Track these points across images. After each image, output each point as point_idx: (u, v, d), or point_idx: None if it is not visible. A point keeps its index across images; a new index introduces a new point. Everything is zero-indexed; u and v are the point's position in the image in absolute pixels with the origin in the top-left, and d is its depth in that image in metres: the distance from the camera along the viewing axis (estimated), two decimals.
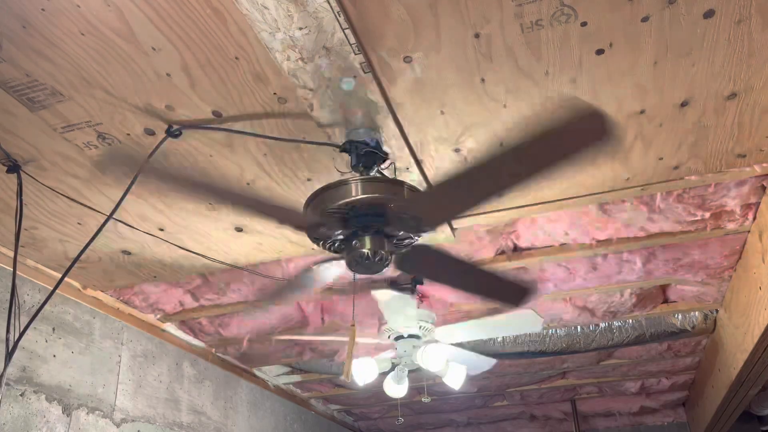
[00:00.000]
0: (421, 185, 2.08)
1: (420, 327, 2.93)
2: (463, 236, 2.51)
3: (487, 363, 3.32)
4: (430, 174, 2.07)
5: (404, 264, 1.92)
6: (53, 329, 2.61)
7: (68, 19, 1.45)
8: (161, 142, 1.83)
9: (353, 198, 1.69)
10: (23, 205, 2.10)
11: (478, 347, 3.58)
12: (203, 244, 2.46)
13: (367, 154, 1.84)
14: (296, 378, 4.42)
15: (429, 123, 1.83)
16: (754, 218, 2.41)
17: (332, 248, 1.87)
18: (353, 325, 2.24)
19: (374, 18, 1.46)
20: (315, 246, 1.90)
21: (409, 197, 1.74)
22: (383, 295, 2.62)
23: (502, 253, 2.66)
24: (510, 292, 2.20)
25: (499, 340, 3.60)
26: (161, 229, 2.34)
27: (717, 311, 3.38)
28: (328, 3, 1.39)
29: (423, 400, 3.52)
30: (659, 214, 2.37)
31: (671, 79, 1.70)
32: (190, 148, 1.90)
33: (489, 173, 1.59)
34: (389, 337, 3.04)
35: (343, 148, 1.85)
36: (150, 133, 1.83)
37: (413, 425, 6.06)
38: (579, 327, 3.55)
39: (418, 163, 2.01)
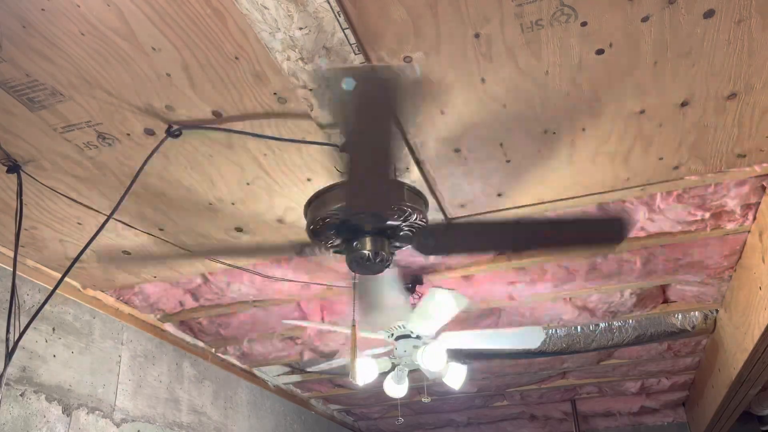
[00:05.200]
0: (421, 185, 2.08)
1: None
2: None
3: (538, 336, 3.14)
4: (430, 174, 2.07)
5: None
6: (53, 329, 2.61)
7: (68, 19, 1.45)
8: (161, 142, 1.83)
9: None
10: (23, 205, 2.10)
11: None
12: (203, 244, 2.46)
13: None
14: (296, 378, 4.42)
15: (429, 123, 1.83)
16: (754, 218, 2.41)
17: (333, 248, 1.87)
18: (354, 325, 2.24)
19: (374, 18, 1.46)
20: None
21: (434, 228, 1.79)
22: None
23: (503, 253, 2.66)
24: None
25: None
26: (161, 229, 2.34)
27: (717, 311, 3.38)
28: (328, 3, 1.39)
29: (423, 400, 3.52)
30: (659, 214, 2.37)
31: (671, 79, 1.70)
32: (190, 148, 1.91)
33: (508, 234, 1.70)
34: (389, 337, 3.04)
35: (343, 148, 1.85)
36: (150, 133, 1.83)
37: (413, 425, 6.06)
38: (579, 327, 3.55)
39: (418, 163, 2.01)
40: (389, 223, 1.77)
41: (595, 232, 1.71)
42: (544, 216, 2.11)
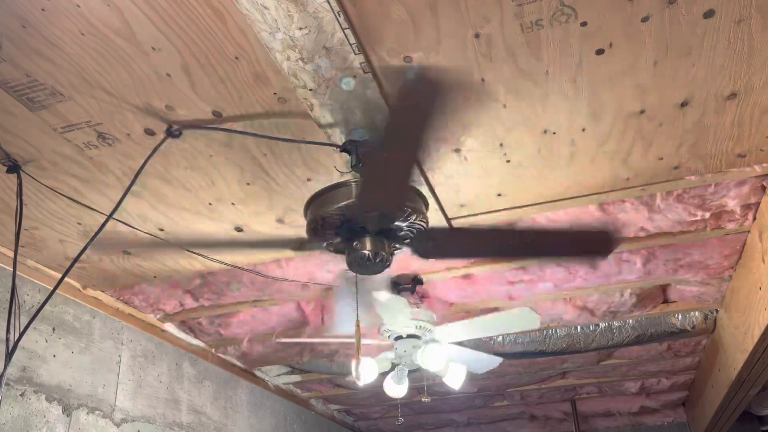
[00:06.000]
0: (421, 185, 2.08)
1: (417, 327, 2.92)
2: None
3: (491, 362, 3.30)
4: (429, 174, 2.07)
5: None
6: (53, 329, 2.61)
7: (68, 19, 1.45)
8: (161, 142, 1.83)
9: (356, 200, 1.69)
10: (23, 205, 2.10)
11: (478, 347, 3.57)
12: (203, 244, 2.46)
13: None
14: (296, 378, 4.42)
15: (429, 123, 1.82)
16: (754, 218, 2.41)
17: (333, 249, 1.87)
18: (358, 325, 2.23)
19: (374, 18, 1.46)
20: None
21: (438, 233, 1.82)
22: (381, 296, 2.62)
23: (500, 256, 2.66)
24: None
25: (499, 339, 3.59)
26: (161, 229, 2.34)
27: (717, 311, 3.38)
28: (328, 3, 1.39)
29: (423, 400, 3.52)
30: (659, 214, 2.37)
31: (671, 79, 1.70)
32: (190, 148, 1.91)
33: (504, 239, 1.93)
34: (389, 337, 3.04)
35: (343, 148, 1.85)
36: (150, 133, 1.83)
37: (413, 425, 6.06)
38: (579, 327, 3.55)
39: (418, 163, 2.01)
40: (395, 224, 1.77)
41: (584, 242, 1.91)
42: (539, 224, 2.28)
